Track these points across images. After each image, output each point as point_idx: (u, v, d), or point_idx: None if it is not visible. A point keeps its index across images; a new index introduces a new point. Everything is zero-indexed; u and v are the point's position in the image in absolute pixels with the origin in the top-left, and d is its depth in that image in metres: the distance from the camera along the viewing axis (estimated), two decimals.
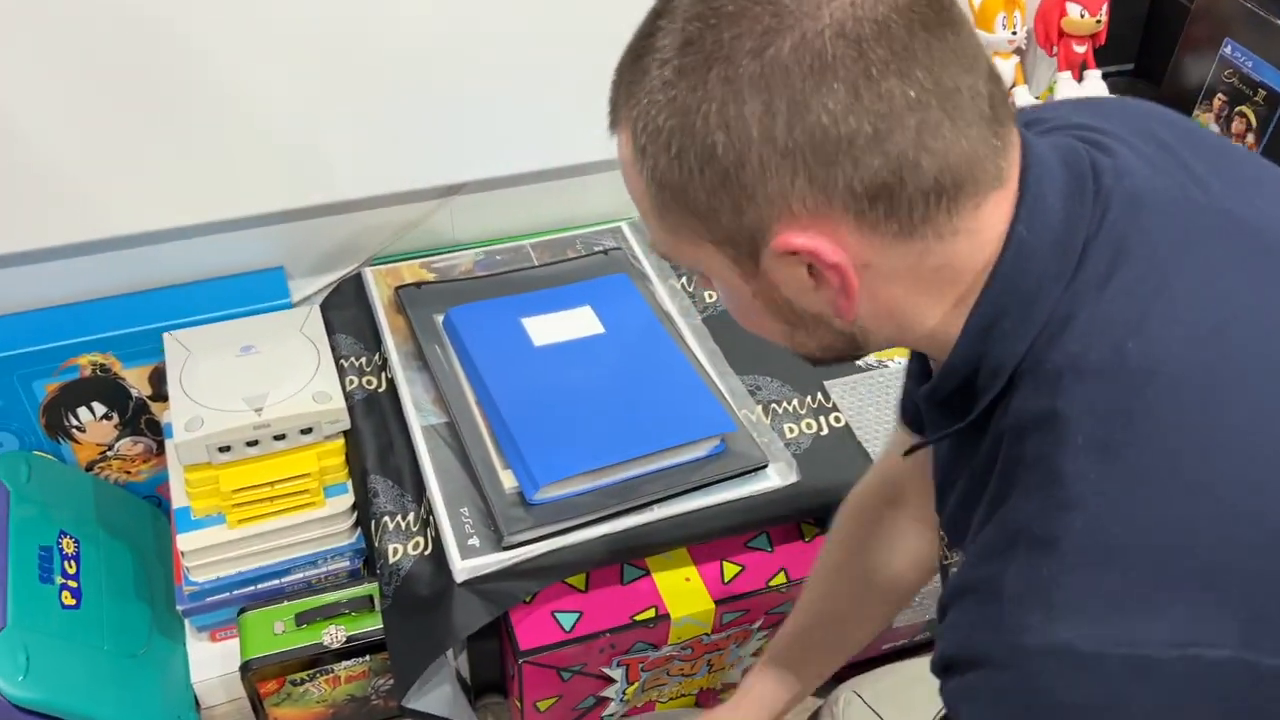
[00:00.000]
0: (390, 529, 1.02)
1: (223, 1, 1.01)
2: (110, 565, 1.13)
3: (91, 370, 1.16)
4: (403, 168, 1.19)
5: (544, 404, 1.05)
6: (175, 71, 1.03)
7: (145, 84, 1.03)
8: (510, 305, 1.17)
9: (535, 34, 1.14)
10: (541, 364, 1.10)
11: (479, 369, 1.08)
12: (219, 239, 1.19)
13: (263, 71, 1.07)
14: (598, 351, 1.13)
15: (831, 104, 0.45)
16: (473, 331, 1.13)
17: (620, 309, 1.18)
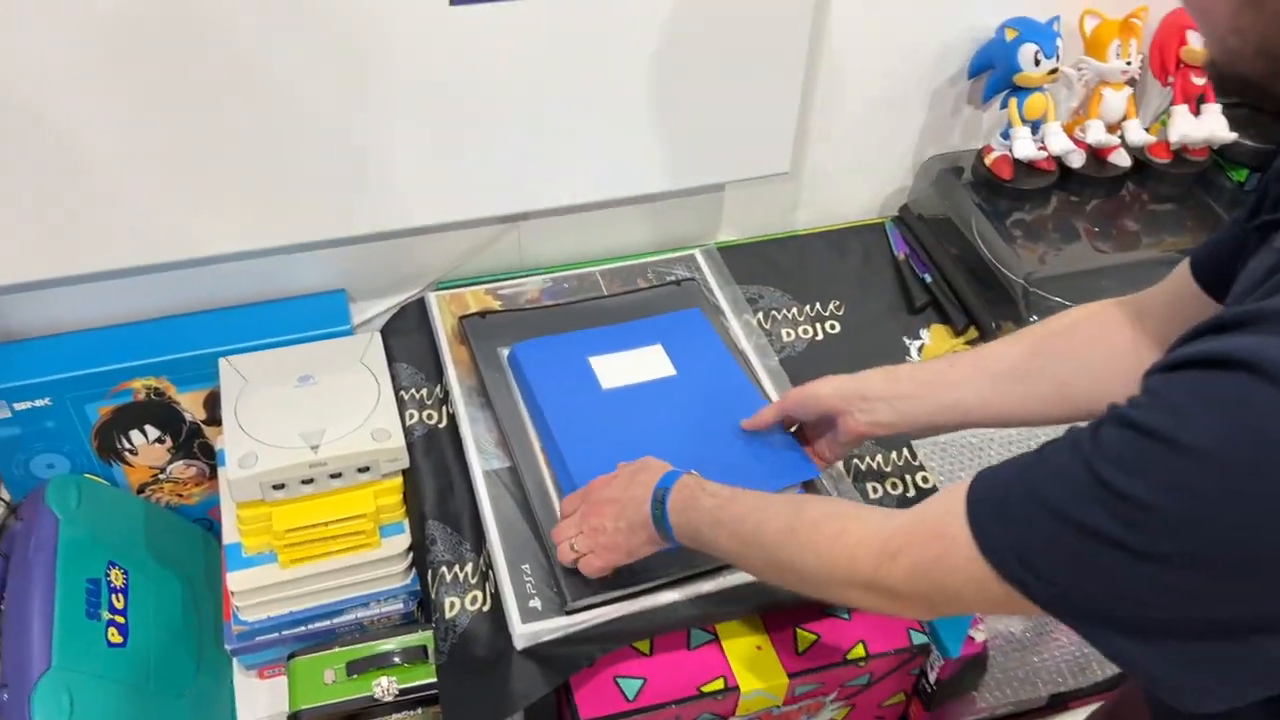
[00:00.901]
0: (448, 580, 0.97)
1: (290, 28, 0.95)
2: (158, 597, 1.09)
3: (145, 394, 1.12)
4: (470, 196, 1.13)
5: (612, 454, 0.98)
6: (239, 96, 0.98)
7: (208, 108, 0.98)
8: (577, 342, 1.11)
9: (605, 65, 1.08)
10: (610, 409, 1.04)
11: (544, 413, 1.02)
12: (280, 260, 1.15)
13: (329, 97, 1.01)
14: (669, 395, 1.06)
15: None
16: (538, 370, 1.07)
17: (693, 348, 1.12)
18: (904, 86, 1.24)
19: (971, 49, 1.22)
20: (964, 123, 1.31)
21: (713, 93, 1.12)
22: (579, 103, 1.09)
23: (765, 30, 1.09)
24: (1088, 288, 1.13)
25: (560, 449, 0.99)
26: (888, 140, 1.30)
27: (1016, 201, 1.24)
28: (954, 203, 1.25)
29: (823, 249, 1.30)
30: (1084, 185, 1.26)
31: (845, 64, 1.19)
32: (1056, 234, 1.21)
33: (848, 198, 1.34)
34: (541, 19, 1.01)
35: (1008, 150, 1.22)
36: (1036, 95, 1.19)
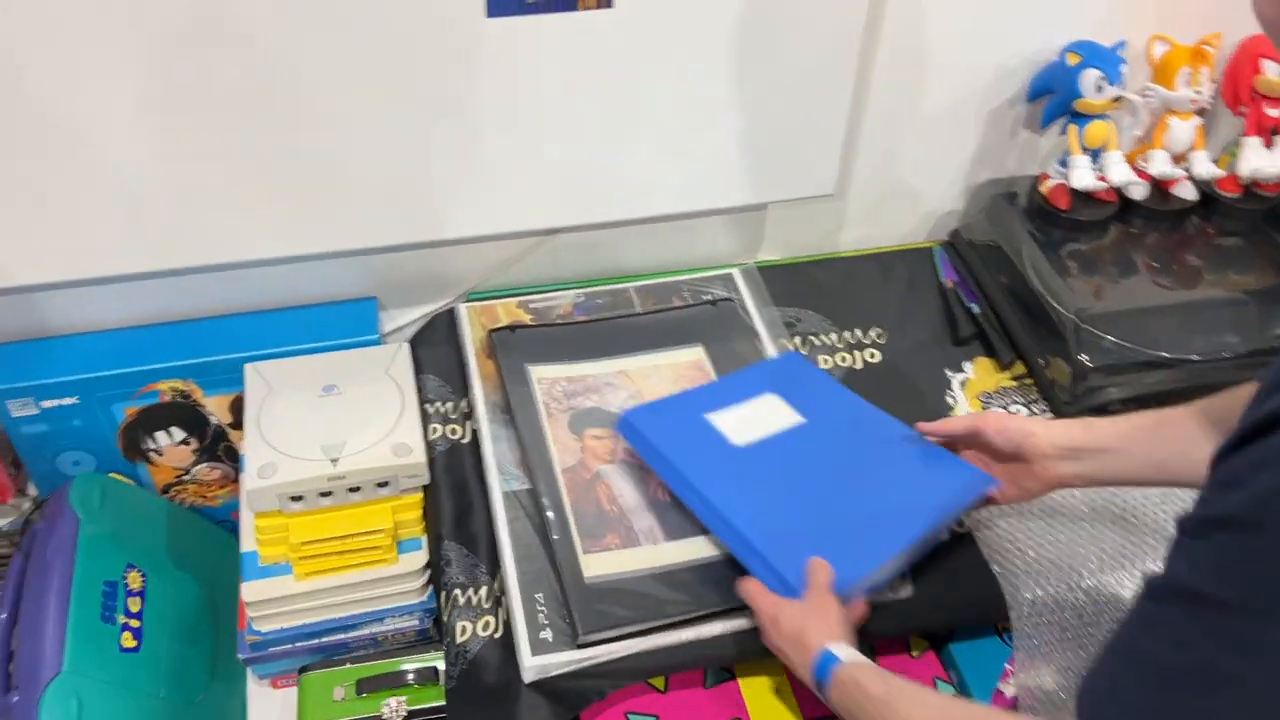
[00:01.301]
0: (460, 603, 0.95)
1: (327, 35, 0.93)
2: (176, 601, 1.08)
3: (171, 396, 1.11)
4: (505, 209, 1.11)
5: (785, 507, 0.92)
6: (276, 103, 0.97)
7: (245, 115, 0.97)
8: (686, 402, 1.03)
9: (645, 81, 1.05)
10: (757, 465, 0.96)
11: (692, 481, 0.93)
12: (312, 265, 1.13)
13: (364, 106, 0.99)
14: (813, 441, 0.99)
15: None
16: (661, 435, 0.97)
17: (809, 391, 1.04)
18: (959, 108, 1.19)
19: (1031, 71, 1.17)
20: (1021, 147, 1.26)
21: (757, 112, 1.09)
22: (617, 119, 1.06)
23: (813, 49, 1.05)
24: (1144, 326, 1.08)
25: (724, 512, 0.91)
26: (939, 162, 1.25)
27: (1072, 232, 1.18)
28: (1006, 230, 1.20)
29: (867, 272, 1.26)
30: (1146, 218, 1.20)
31: (897, 84, 1.15)
32: (1114, 268, 1.16)
33: (895, 220, 1.30)
34: (582, 33, 0.98)
35: (1065, 179, 1.17)
36: (1097, 123, 1.14)
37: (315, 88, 0.97)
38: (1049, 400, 1.11)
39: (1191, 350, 1.07)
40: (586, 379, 1.10)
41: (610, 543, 0.95)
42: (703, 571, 0.93)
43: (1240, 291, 1.14)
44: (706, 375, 1.11)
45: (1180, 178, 1.18)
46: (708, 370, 1.11)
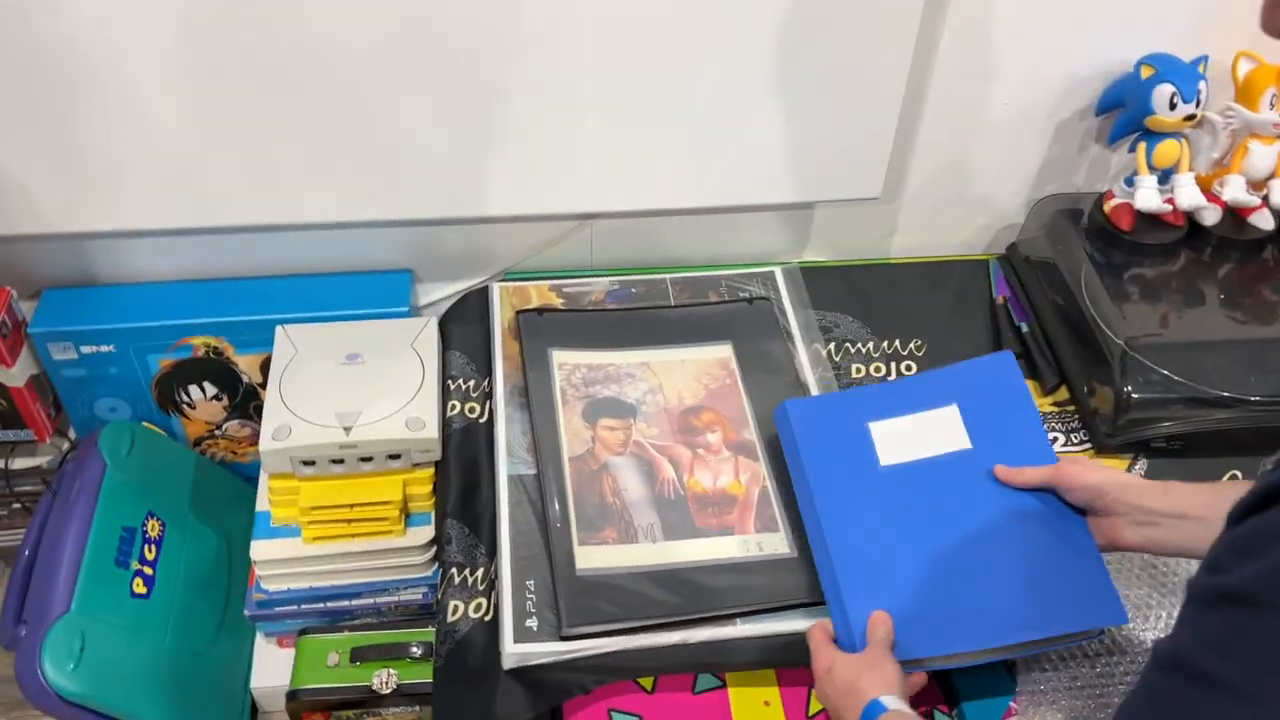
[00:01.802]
0: (456, 583, 0.95)
1: (371, 7, 0.94)
2: (192, 553, 1.11)
3: (205, 352, 1.14)
4: (545, 190, 1.10)
5: (893, 551, 0.87)
6: (320, 74, 0.98)
7: (290, 82, 0.98)
8: (858, 402, 0.96)
9: (693, 69, 1.02)
10: (884, 496, 0.90)
11: (813, 497, 0.91)
12: (351, 234, 1.14)
13: (411, 80, 0.99)
14: (957, 479, 0.90)
15: None
16: (810, 436, 0.94)
17: (996, 411, 0.93)
18: (1024, 117, 1.14)
19: (1105, 82, 1.11)
20: (1090, 161, 1.20)
21: (804, 107, 1.06)
22: (662, 105, 1.04)
23: (865, 47, 1.01)
24: (1199, 360, 1.02)
25: (828, 545, 0.88)
26: (1001, 172, 1.19)
27: (1133, 255, 1.12)
28: (1064, 248, 1.14)
29: (915, 281, 1.21)
30: (1216, 246, 1.13)
31: (957, 88, 1.10)
32: (1175, 296, 1.09)
33: (950, 229, 1.25)
34: (628, 14, 0.96)
35: (1130, 198, 1.10)
36: (1169, 141, 1.07)
37: (361, 58, 0.98)
38: (1089, 430, 1.05)
39: (1251, 390, 1.01)
40: (607, 368, 1.08)
41: (608, 536, 0.93)
42: (698, 575, 0.91)
43: None
44: (732, 374, 1.08)
45: (1257, 206, 1.11)
46: (733, 369, 1.09)
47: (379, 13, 0.95)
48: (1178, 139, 1.08)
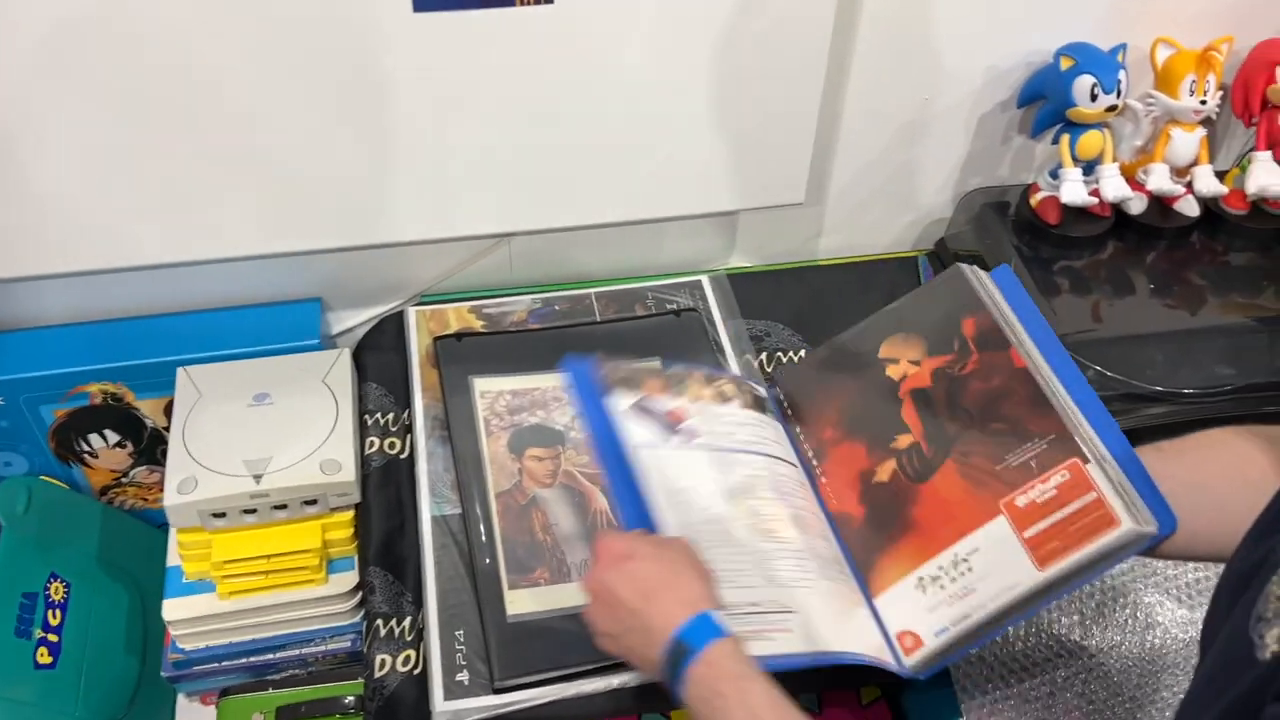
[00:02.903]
0: (382, 635, 0.90)
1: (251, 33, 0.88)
2: (101, 614, 1.04)
3: (103, 399, 1.07)
4: (457, 212, 1.05)
5: None
6: (205, 103, 0.92)
7: (177, 113, 0.92)
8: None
9: (600, 79, 0.98)
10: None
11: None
12: (251, 265, 1.07)
13: (309, 107, 0.93)
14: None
15: None
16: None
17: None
18: (946, 112, 1.11)
19: (1026, 74, 1.09)
20: (1014, 153, 1.18)
21: (722, 116, 1.02)
22: (567, 120, 1.00)
23: (780, 52, 0.98)
24: (1134, 355, 1.00)
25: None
26: (925, 168, 1.17)
27: (1062, 249, 1.10)
28: (993, 243, 1.12)
29: (845, 283, 1.19)
30: (1143, 236, 1.11)
31: (876, 86, 1.07)
32: (1106, 289, 1.08)
33: (878, 228, 1.22)
34: (521, 30, 0.91)
35: (1056, 192, 1.09)
36: (1092, 133, 1.05)
37: (247, 85, 0.91)
38: None
39: (1186, 383, 0.99)
40: (533, 392, 1.04)
41: (539, 577, 0.89)
42: None
43: (1244, 318, 1.05)
44: None
45: (1181, 193, 1.09)
46: None
47: (275, 41, 0.89)
48: (1100, 129, 1.06)
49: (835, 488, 0.85)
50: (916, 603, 0.76)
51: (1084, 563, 0.70)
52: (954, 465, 0.78)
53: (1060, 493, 0.72)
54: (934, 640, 0.74)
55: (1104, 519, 0.69)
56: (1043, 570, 0.71)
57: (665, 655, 0.65)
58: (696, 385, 0.88)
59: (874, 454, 0.83)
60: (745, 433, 0.86)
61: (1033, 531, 0.72)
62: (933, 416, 0.82)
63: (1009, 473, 0.75)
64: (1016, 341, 0.80)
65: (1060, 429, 0.74)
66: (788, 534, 0.79)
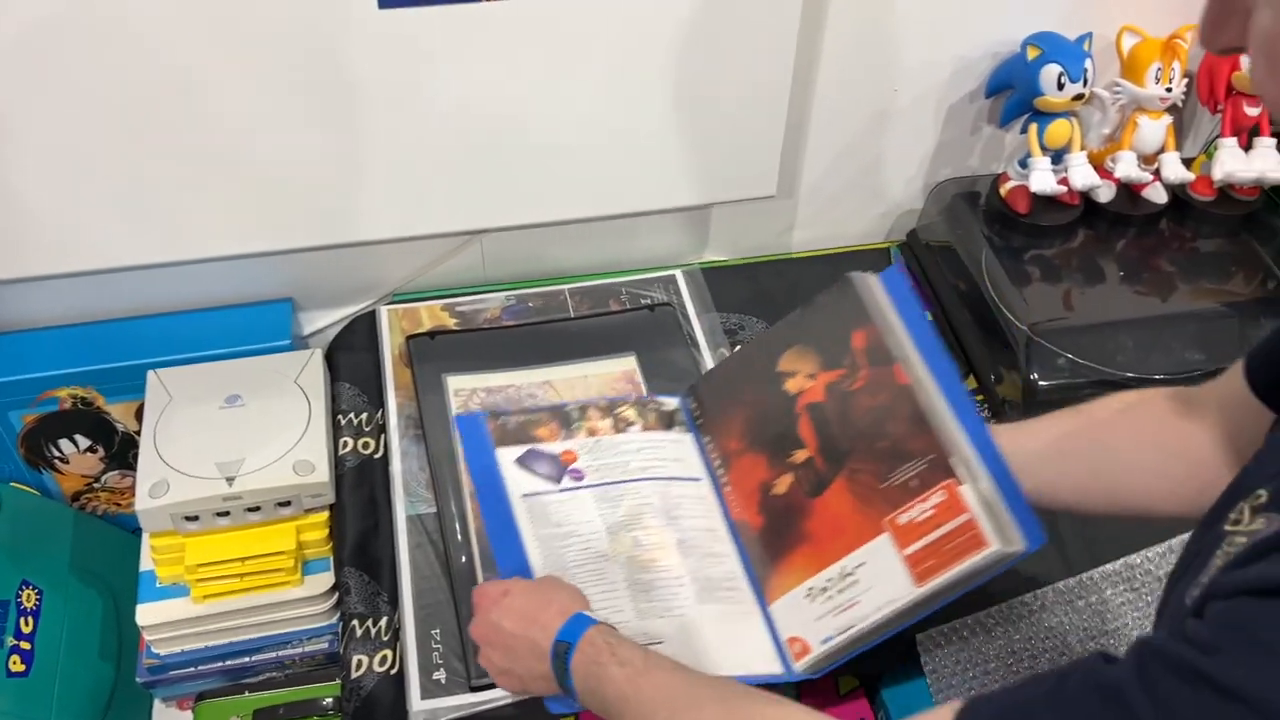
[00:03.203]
0: (358, 635, 0.90)
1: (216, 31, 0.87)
2: (75, 620, 1.03)
3: (73, 403, 1.06)
4: (429, 210, 1.04)
5: None
6: (174, 103, 0.91)
7: (144, 114, 0.91)
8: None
9: (570, 75, 0.97)
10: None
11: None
12: (221, 266, 1.06)
13: (279, 107, 0.93)
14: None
15: None
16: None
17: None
18: (915, 103, 1.11)
19: (994, 64, 1.09)
20: (984, 143, 1.18)
21: (692, 110, 1.02)
22: (537, 117, 0.99)
23: (748, 45, 0.98)
24: (1104, 342, 1.01)
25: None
26: (896, 159, 1.17)
27: (1032, 238, 1.11)
28: (964, 233, 1.13)
29: (818, 275, 1.18)
30: (1112, 223, 1.12)
31: (845, 79, 1.07)
32: (1076, 276, 1.08)
33: (850, 220, 1.22)
34: (485, 26, 0.91)
35: (1025, 181, 1.09)
36: (1060, 122, 1.06)
37: (214, 86, 0.91)
38: (998, 418, 1.04)
39: (1156, 368, 1.00)
40: (507, 390, 1.03)
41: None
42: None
43: (1213, 303, 1.06)
44: (637, 386, 1.04)
45: (1149, 181, 1.10)
46: (638, 381, 1.05)
47: (241, 41, 0.88)
48: (1068, 118, 1.06)
49: (738, 496, 0.87)
50: (806, 612, 0.79)
51: (956, 580, 0.73)
52: (845, 482, 0.81)
53: (937, 513, 0.75)
54: (820, 647, 0.77)
55: (975, 540, 0.73)
56: (920, 586, 0.74)
57: (551, 660, 0.70)
58: (594, 418, 0.90)
59: (774, 467, 0.86)
60: (640, 460, 0.88)
61: (912, 549, 0.75)
62: (826, 432, 0.84)
63: (892, 491, 0.78)
64: (901, 356, 0.81)
65: (938, 450, 0.76)
66: (669, 561, 0.82)
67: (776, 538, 0.82)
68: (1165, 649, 0.42)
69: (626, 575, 0.80)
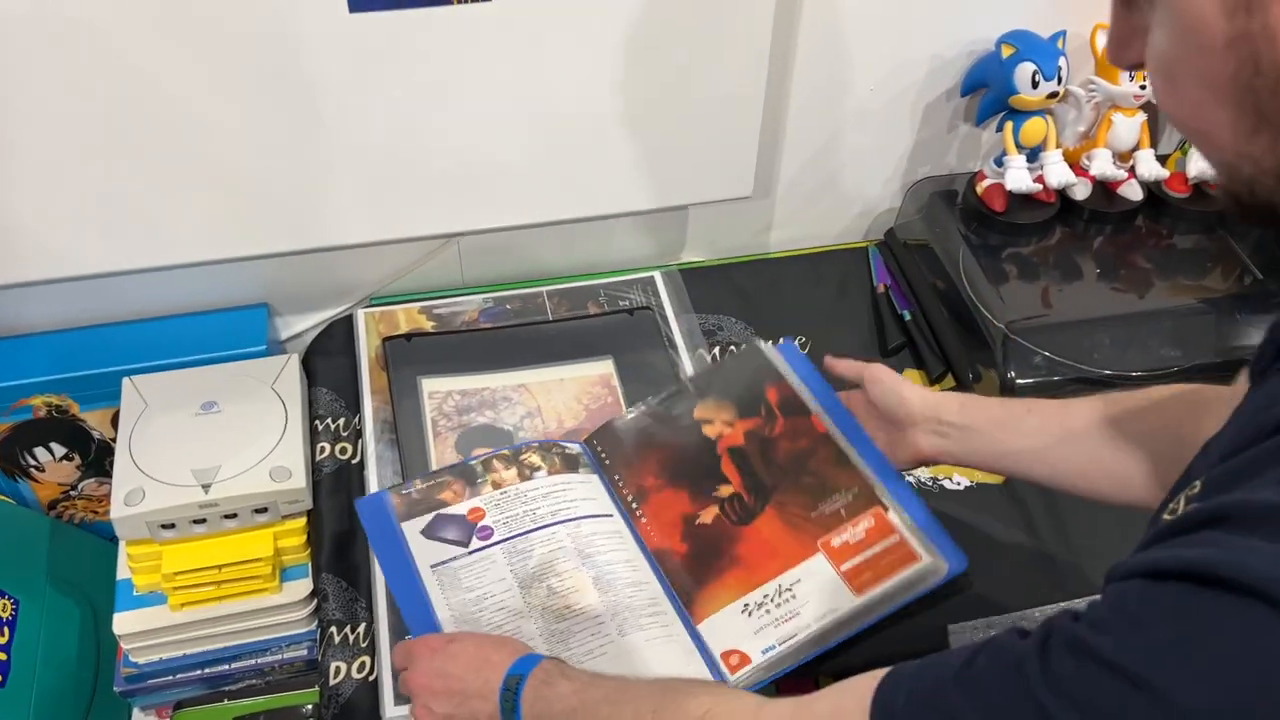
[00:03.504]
0: (336, 642, 0.89)
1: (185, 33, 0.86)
2: (52, 630, 1.03)
3: (47, 411, 1.05)
4: (404, 213, 1.03)
5: None
6: (141, 106, 0.90)
7: (111, 118, 0.90)
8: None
9: (544, 76, 0.97)
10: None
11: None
12: (195, 272, 1.06)
13: (235, 107, 0.92)
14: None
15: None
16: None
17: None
18: (891, 101, 1.12)
19: (970, 62, 1.09)
20: (961, 141, 1.18)
21: (666, 111, 1.01)
22: (513, 119, 0.99)
23: (722, 44, 0.97)
24: (1080, 340, 1.01)
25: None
26: (873, 158, 1.17)
27: (1009, 236, 1.11)
28: (941, 231, 1.13)
29: (796, 275, 1.19)
30: (1088, 221, 1.12)
31: (821, 78, 1.07)
32: (1053, 274, 1.09)
33: (828, 219, 1.22)
34: (459, 28, 0.90)
35: (1001, 179, 1.09)
36: (1035, 120, 1.06)
37: (185, 90, 0.90)
38: None
39: (1133, 366, 1.01)
40: (482, 392, 1.03)
41: None
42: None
43: (1189, 299, 1.07)
44: (613, 390, 1.04)
45: (1125, 178, 1.10)
46: (615, 385, 1.05)
47: (211, 45, 0.87)
48: (1043, 116, 1.06)
49: (656, 527, 0.89)
50: (742, 626, 0.82)
51: (894, 590, 0.81)
52: (774, 511, 0.88)
53: (868, 535, 0.84)
54: (761, 657, 0.80)
55: (907, 554, 0.82)
56: (860, 596, 0.81)
57: (500, 695, 0.70)
58: (499, 469, 0.92)
59: (697, 500, 0.90)
60: (548, 505, 0.89)
61: (848, 565, 0.83)
62: (750, 470, 0.91)
63: (823, 518, 0.86)
64: (815, 409, 0.91)
65: (863, 484, 0.86)
66: (587, 601, 0.83)
67: (703, 562, 0.86)
68: (1064, 626, 0.45)
69: (542, 628, 0.81)
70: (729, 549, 0.86)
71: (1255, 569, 0.39)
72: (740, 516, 0.88)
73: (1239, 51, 0.39)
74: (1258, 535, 0.40)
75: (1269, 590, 0.38)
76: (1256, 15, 0.38)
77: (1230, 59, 0.40)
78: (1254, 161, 0.42)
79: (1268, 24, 0.38)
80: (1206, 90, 0.41)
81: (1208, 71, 0.41)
